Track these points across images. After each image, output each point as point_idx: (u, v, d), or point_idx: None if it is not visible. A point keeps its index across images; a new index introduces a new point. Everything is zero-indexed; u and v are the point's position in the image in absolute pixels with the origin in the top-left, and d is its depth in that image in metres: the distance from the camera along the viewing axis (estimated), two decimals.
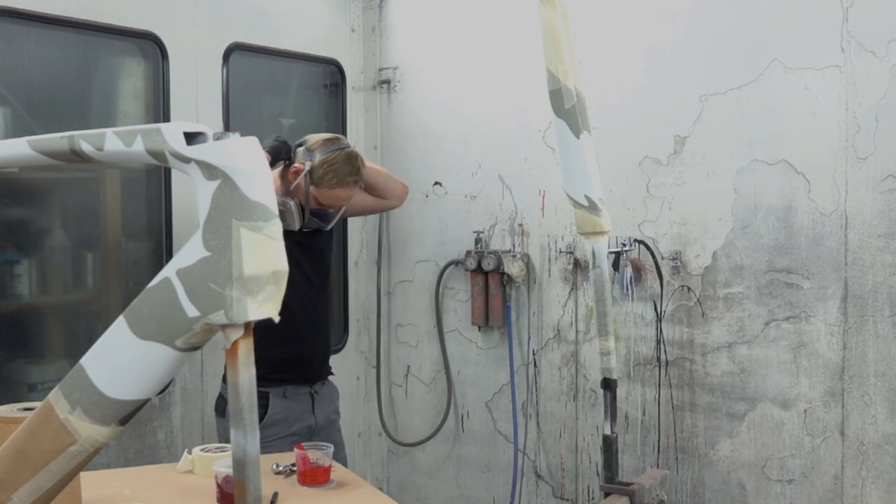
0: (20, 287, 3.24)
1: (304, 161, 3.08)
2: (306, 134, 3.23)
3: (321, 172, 3.06)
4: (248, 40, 3.91)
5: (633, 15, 3.80)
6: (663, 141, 3.72)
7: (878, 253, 3.32)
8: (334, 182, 3.08)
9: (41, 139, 1.62)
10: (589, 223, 3.23)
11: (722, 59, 3.59)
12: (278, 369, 3.05)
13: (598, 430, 3.88)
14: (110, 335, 1.49)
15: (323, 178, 3.07)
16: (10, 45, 3.15)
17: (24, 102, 3.24)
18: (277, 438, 3.04)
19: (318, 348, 3.31)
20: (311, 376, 3.24)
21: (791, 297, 3.49)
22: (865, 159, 3.32)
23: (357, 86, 4.50)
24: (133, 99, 3.57)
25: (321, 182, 3.07)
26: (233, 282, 1.39)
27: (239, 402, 1.42)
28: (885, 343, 3.32)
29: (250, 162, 1.42)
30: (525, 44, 3.88)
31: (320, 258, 3.37)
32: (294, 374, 3.15)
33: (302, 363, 3.21)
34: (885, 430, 3.34)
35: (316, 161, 3.07)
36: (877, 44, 3.28)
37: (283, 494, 2.52)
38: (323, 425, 3.24)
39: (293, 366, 3.15)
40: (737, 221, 3.58)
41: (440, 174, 4.35)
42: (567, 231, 3.99)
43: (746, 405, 3.61)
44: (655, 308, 3.76)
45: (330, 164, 3.07)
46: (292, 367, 3.14)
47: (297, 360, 3.17)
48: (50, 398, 1.53)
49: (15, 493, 1.55)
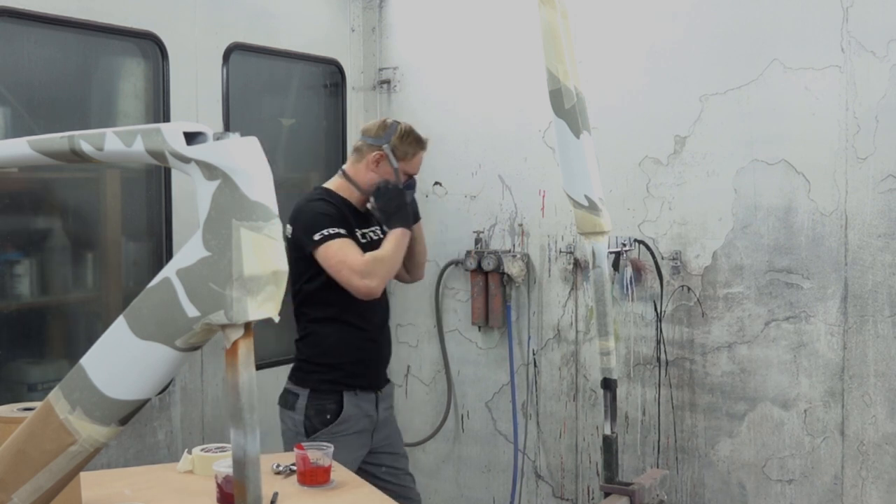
0: (20, 287, 3.24)
1: (380, 146, 3.25)
2: (306, 134, 3.27)
3: (405, 145, 3.27)
4: (248, 40, 3.91)
5: (633, 15, 3.80)
6: (663, 141, 3.72)
7: (878, 253, 3.32)
8: (417, 147, 3.30)
9: (41, 139, 1.62)
10: (589, 223, 3.23)
11: (722, 59, 3.59)
12: (351, 376, 3.23)
13: (598, 430, 3.88)
14: (110, 335, 1.49)
15: (408, 149, 3.27)
16: (10, 45, 3.15)
17: (24, 102, 3.24)
18: (346, 434, 3.18)
19: (385, 355, 3.42)
20: (378, 383, 3.35)
21: (791, 297, 3.49)
22: (865, 159, 3.32)
23: (357, 86, 4.49)
24: (133, 99, 3.57)
25: (406, 153, 3.27)
26: (233, 282, 1.39)
27: (239, 402, 1.42)
28: (885, 343, 3.32)
29: (250, 162, 1.42)
30: (525, 44, 3.87)
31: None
32: (364, 380, 3.27)
33: (372, 370, 3.32)
34: (885, 430, 3.34)
35: (394, 139, 3.25)
36: (877, 44, 3.28)
37: (283, 494, 2.52)
38: (383, 420, 3.36)
39: (364, 372, 3.27)
40: (737, 221, 3.58)
41: (440, 174, 4.35)
42: (567, 231, 3.99)
43: (746, 405, 3.61)
44: (655, 308, 3.76)
45: (406, 134, 3.28)
46: (363, 374, 3.27)
47: (367, 367, 3.29)
48: (50, 398, 1.53)
49: (15, 493, 1.55)
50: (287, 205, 3.12)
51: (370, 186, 3.24)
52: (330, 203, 3.20)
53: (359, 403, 3.24)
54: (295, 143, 4.36)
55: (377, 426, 3.32)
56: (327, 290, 3.15)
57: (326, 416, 3.19)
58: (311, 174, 4.44)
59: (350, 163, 3.33)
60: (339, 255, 3.07)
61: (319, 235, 3.09)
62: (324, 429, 3.17)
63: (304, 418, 3.20)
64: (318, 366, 3.22)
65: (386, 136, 3.25)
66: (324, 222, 3.12)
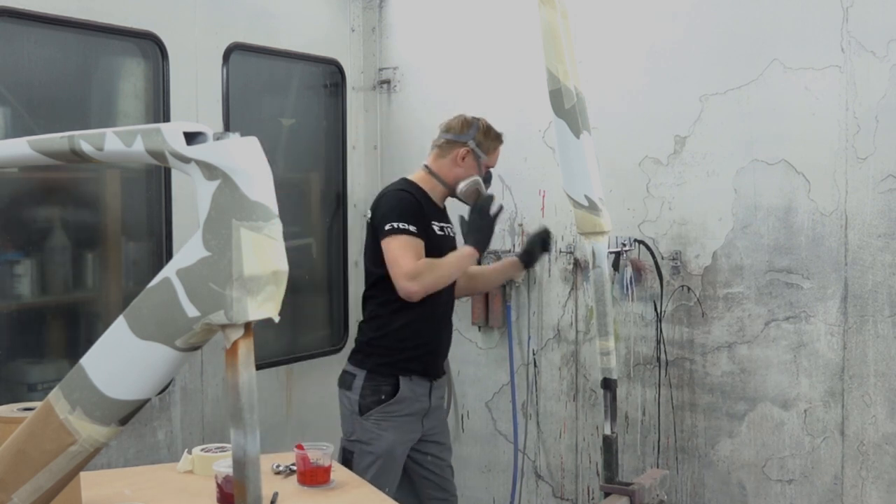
0: (20, 287, 3.24)
1: (465, 142, 3.36)
2: (306, 134, 3.28)
3: (488, 140, 3.40)
4: (248, 40, 3.90)
5: (633, 15, 3.80)
6: (663, 141, 3.72)
7: (878, 253, 3.32)
8: (497, 142, 3.44)
9: (41, 139, 1.62)
10: (589, 223, 3.23)
11: (722, 59, 3.59)
12: (408, 361, 3.30)
13: (598, 430, 3.88)
14: (110, 335, 1.49)
15: (490, 144, 3.41)
16: (10, 45, 3.15)
17: (24, 102, 3.24)
18: (399, 415, 3.27)
19: (444, 346, 3.49)
20: (434, 372, 3.40)
21: (791, 297, 3.49)
22: (865, 159, 3.32)
23: (357, 86, 4.49)
24: (133, 99, 3.57)
25: (489, 148, 3.41)
26: (233, 282, 1.39)
27: (239, 402, 1.42)
28: (885, 343, 3.32)
29: (250, 162, 1.42)
30: (525, 44, 3.88)
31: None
32: (421, 366, 3.33)
33: (429, 358, 3.38)
34: (885, 430, 3.34)
35: (478, 135, 3.38)
36: (877, 44, 3.28)
37: (283, 494, 2.52)
38: (434, 408, 3.43)
39: (422, 359, 3.33)
40: (737, 221, 3.58)
41: None
42: (567, 231, 3.98)
43: (746, 405, 3.61)
44: (655, 308, 3.76)
45: (488, 129, 3.41)
46: (421, 361, 3.33)
47: (425, 355, 3.35)
48: (50, 398, 1.53)
49: (15, 493, 1.55)
50: (287, 205, 3.11)
51: (455, 182, 3.36)
52: (410, 195, 3.28)
53: (413, 388, 3.30)
54: (295, 143, 4.36)
55: (428, 413, 3.38)
56: None
57: (381, 397, 3.26)
58: (311, 174, 4.44)
59: (432, 158, 3.41)
60: (397, 252, 3.16)
61: (389, 226, 3.19)
62: (377, 408, 3.25)
63: (359, 397, 3.27)
64: (377, 348, 3.29)
65: (470, 132, 3.37)
66: (398, 214, 3.21)
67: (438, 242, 3.28)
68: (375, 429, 3.23)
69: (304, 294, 4.39)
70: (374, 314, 3.32)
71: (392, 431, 3.26)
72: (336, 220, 4.46)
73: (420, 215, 3.23)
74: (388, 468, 3.27)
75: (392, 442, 3.26)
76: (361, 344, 3.34)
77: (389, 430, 3.25)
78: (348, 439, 3.30)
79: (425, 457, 3.41)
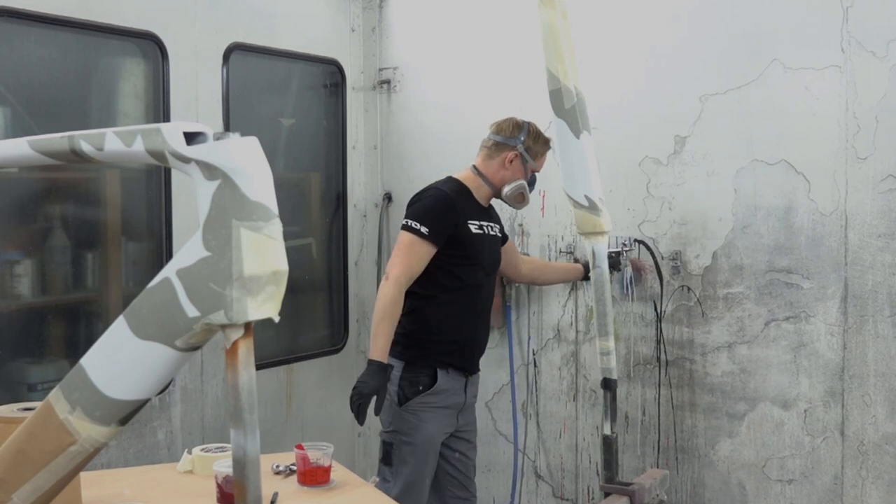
0: (20, 287, 3.24)
1: (514, 145, 3.39)
2: (306, 134, 3.29)
3: (538, 145, 3.43)
4: (248, 40, 3.90)
5: (634, 15, 3.79)
6: (663, 141, 3.72)
7: (878, 253, 3.32)
8: (546, 147, 3.46)
9: (41, 139, 1.62)
10: (589, 223, 3.23)
11: (722, 60, 3.59)
12: (445, 354, 3.35)
13: (598, 430, 3.88)
14: (110, 335, 1.49)
15: (539, 149, 3.44)
16: (10, 45, 3.15)
17: (24, 102, 3.24)
18: (436, 407, 3.33)
19: (481, 342, 3.54)
20: (470, 367, 3.46)
21: (791, 297, 3.49)
22: (865, 159, 3.32)
23: (357, 86, 4.49)
24: (133, 99, 3.57)
25: (537, 153, 3.43)
26: (233, 282, 1.39)
27: (239, 402, 1.42)
28: (885, 343, 3.32)
29: (250, 162, 1.42)
30: (525, 44, 3.87)
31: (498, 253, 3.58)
32: (457, 360, 3.38)
33: (467, 351, 3.44)
34: (885, 430, 3.34)
35: (528, 139, 3.40)
36: (877, 44, 3.28)
37: (283, 494, 2.52)
38: (469, 403, 3.49)
39: (459, 353, 3.39)
40: (737, 221, 3.58)
41: (440, 174, 4.34)
42: (567, 231, 3.98)
43: (746, 405, 3.61)
44: (655, 308, 3.76)
45: (537, 134, 3.44)
46: (457, 354, 3.38)
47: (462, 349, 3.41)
48: (50, 398, 1.53)
49: (15, 493, 1.55)
50: (287, 205, 3.13)
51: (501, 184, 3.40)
52: (447, 193, 3.33)
53: (450, 381, 3.36)
54: (295, 143, 4.36)
55: (462, 409, 3.44)
56: (437, 271, 3.29)
57: (419, 388, 3.31)
58: (311, 174, 4.44)
59: (481, 159, 3.45)
60: (399, 249, 3.25)
61: (405, 222, 3.29)
62: (415, 398, 3.30)
63: (397, 388, 3.31)
64: (416, 341, 3.33)
65: (520, 136, 3.40)
66: (419, 214, 3.28)
67: (472, 240, 3.34)
68: (414, 419, 3.29)
69: (304, 294, 4.39)
70: (413, 307, 3.35)
71: (431, 422, 3.31)
72: (336, 220, 4.46)
73: (448, 216, 3.29)
74: (428, 458, 3.32)
75: (432, 432, 3.31)
76: (400, 336, 3.34)
77: (429, 420, 3.30)
78: (387, 430, 3.34)
79: (454, 453, 3.46)
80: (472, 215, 3.37)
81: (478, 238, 3.37)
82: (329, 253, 4.48)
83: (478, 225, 3.38)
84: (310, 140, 4.44)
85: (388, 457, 3.30)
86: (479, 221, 3.39)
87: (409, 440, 3.29)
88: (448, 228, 3.28)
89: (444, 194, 3.33)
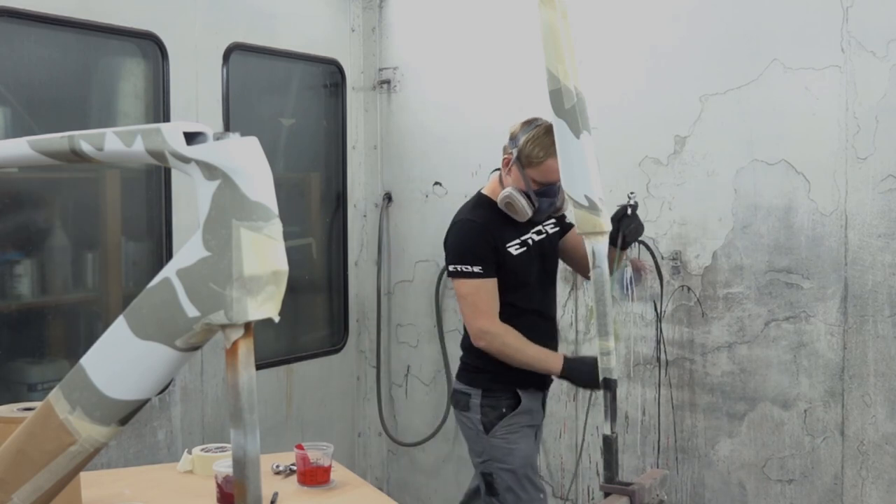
0: (20, 287, 3.24)
1: (511, 150, 3.14)
2: (306, 134, 3.26)
3: (528, 150, 3.09)
4: (248, 40, 3.91)
5: (634, 15, 3.80)
6: (663, 141, 3.72)
7: (878, 253, 3.32)
8: (542, 155, 3.07)
9: (41, 139, 1.61)
10: (589, 223, 3.22)
11: (722, 59, 3.59)
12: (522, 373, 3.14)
13: (598, 430, 3.88)
14: (110, 335, 1.49)
15: (531, 156, 3.09)
16: (10, 45, 3.15)
17: (24, 102, 3.24)
18: (523, 426, 3.20)
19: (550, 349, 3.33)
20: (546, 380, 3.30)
21: (791, 297, 3.49)
22: (865, 159, 3.32)
23: (357, 86, 4.50)
24: (133, 99, 3.57)
25: (530, 161, 3.09)
26: (233, 282, 1.39)
27: (239, 402, 1.42)
28: (885, 343, 3.32)
29: (250, 162, 1.42)
30: (525, 44, 3.87)
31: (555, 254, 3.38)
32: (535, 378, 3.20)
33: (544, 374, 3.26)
34: (885, 430, 3.34)
35: (525, 143, 3.10)
36: (877, 44, 3.28)
37: (283, 494, 2.52)
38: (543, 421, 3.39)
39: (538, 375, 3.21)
40: (737, 221, 3.58)
41: (440, 174, 4.35)
42: None
43: (746, 405, 3.61)
44: (655, 308, 3.76)
45: (532, 139, 3.09)
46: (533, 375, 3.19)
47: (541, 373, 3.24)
48: (50, 398, 1.53)
49: (15, 493, 1.55)
50: (287, 205, 3.11)
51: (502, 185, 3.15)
52: (474, 223, 3.12)
53: (530, 399, 3.22)
54: (295, 143, 4.36)
55: (538, 429, 3.35)
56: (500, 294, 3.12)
57: (502, 410, 3.16)
58: (311, 174, 4.44)
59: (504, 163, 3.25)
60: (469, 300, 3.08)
61: (453, 268, 3.11)
62: (500, 423, 3.15)
63: (479, 415, 3.16)
64: (489, 364, 3.14)
65: (517, 138, 3.14)
66: (460, 255, 3.10)
67: (514, 264, 3.13)
68: (504, 444, 3.14)
69: (304, 294, 4.39)
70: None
71: (521, 442, 3.16)
72: (336, 221, 4.47)
73: (485, 246, 3.09)
74: (531, 480, 3.17)
75: (525, 451, 3.18)
76: (471, 365, 3.21)
77: (519, 441, 3.16)
78: (481, 461, 3.19)
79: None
80: (509, 234, 3.15)
81: (518, 260, 3.15)
82: (329, 253, 4.48)
83: (520, 241, 3.16)
84: (310, 140, 4.44)
85: (492, 487, 3.14)
86: (518, 237, 3.17)
87: (505, 466, 3.13)
88: (492, 255, 3.09)
89: (471, 224, 3.13)
